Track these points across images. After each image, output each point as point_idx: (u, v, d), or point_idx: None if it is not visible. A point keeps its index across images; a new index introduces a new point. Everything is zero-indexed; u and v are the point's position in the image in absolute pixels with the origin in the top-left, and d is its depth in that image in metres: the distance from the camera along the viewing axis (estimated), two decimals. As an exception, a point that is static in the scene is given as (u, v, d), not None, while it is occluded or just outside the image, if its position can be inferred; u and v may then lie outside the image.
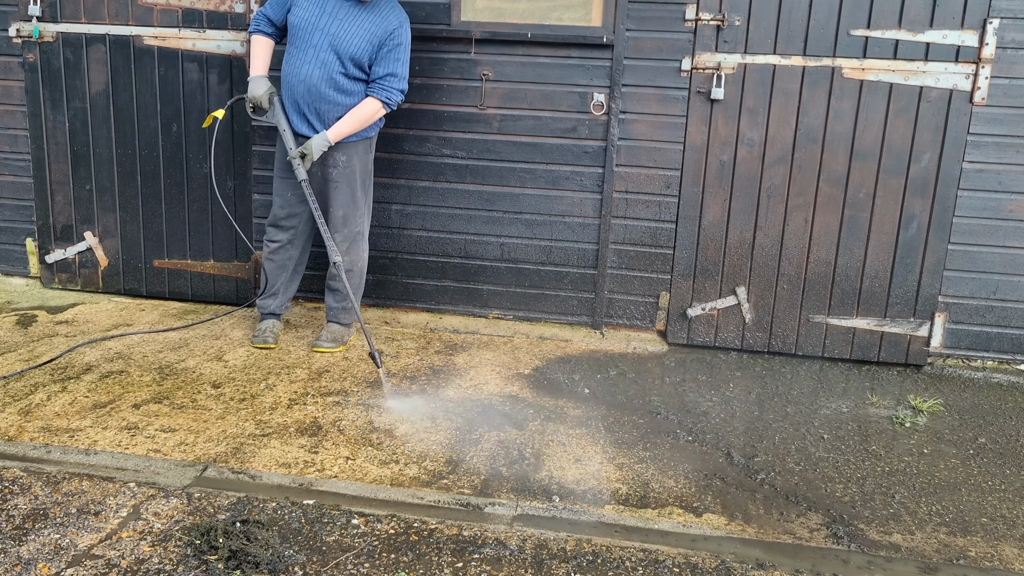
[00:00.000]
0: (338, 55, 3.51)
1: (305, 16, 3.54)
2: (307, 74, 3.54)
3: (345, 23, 3.51)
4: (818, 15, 3.79)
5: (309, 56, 3.53)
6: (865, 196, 3.92)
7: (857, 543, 2.58)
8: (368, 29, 3.51)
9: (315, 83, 3.54)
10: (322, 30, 3.51)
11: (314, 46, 3.52)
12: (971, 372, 3.99)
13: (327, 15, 3.52)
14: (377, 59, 3.54)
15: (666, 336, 4.22)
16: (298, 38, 3.56)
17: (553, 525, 2.57)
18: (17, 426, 3.02)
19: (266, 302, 3.93)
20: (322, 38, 3.51)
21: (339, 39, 3.50)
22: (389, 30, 3.52)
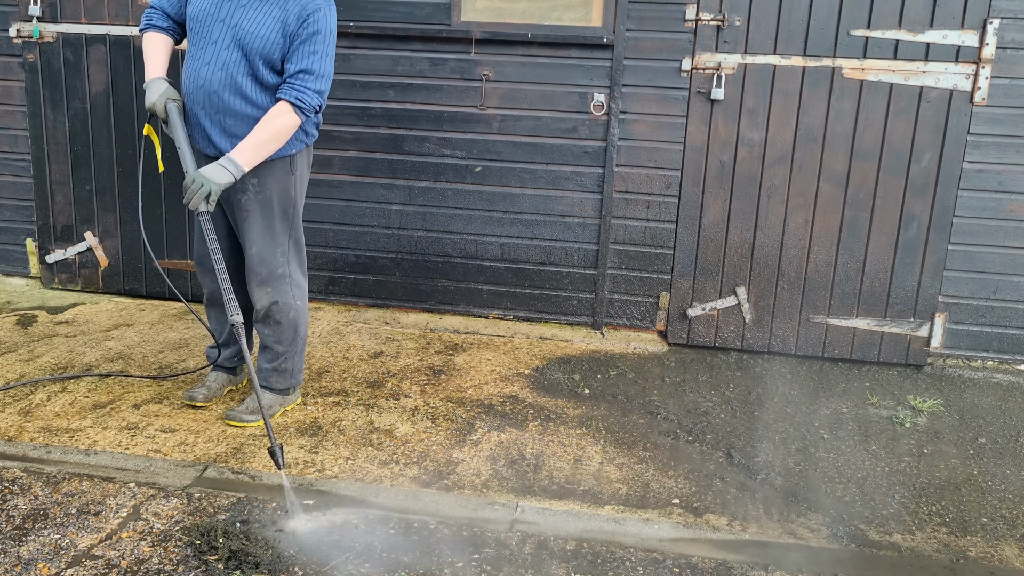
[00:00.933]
0: (244, 52, 2.77)
1: (203, 4, 2.80)
2: (206, 78, 2.80)
3: (251, 10, 2.77)
4: (818, 15, 3.79)
5: (209, 55, 2.80)
6: (865, 196, 3.92)
7: (857, 543, 2.58)
8: (278, 17, 2.75)
9: (216, 89, 2.80)
10: (223, 21, 2.77)
11: (214, 42, 2.79)
12: (971, 372, 3.99)
13: (230, 2, 2.78)
14: (289, 52, 2.77)
15: (666, 336, 4.22)
16: (196, 33, 2.83)
17: (553, 525, 2.57)
18: (17, 426, 3.02)
19: (213, 351, 3.28)
20: (224, 32, 2.78)
21: (244, 31, 2.75)
22: (304, 15, 2.74)
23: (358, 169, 4.29)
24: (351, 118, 4.24)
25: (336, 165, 4.31)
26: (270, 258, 2.98)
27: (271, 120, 2.78)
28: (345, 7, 4.11)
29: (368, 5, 4.09)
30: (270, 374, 3.13)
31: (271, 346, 3.09)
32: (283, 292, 3.02)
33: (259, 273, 2.99)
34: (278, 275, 3.00)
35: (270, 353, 3.11)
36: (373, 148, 4.24)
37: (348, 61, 4.17)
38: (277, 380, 3.14)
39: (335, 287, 4.45)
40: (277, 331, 3.05)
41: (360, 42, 4.15)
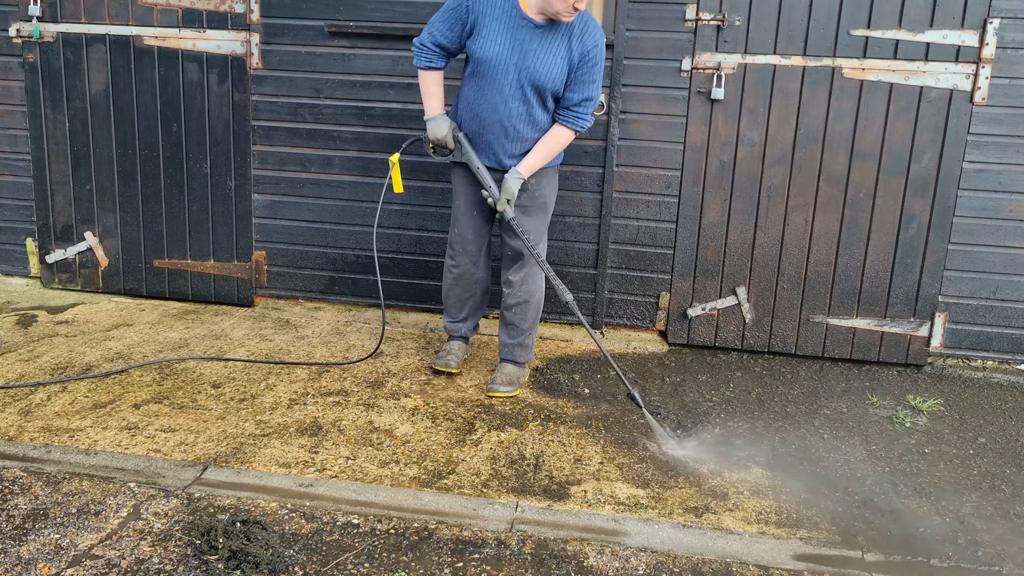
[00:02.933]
0: (537, 91, 3.18)
1: (495, 51, 3.15)
2: (504, 113, 3.21)
3: (540, 54, 3.12)
4: (818, 15, 3.79)
5: (506, 93, 3.19)
6: (865, 196, 3.92)
7: (858, 542, 2.58)
8: (563, 56, 3.14)
9: (513, 122, 3.23)
10: (516, 65, 3.14)
11: (509, 83, 3.17)
12: (971, 372, 3.99)
13: (518, 48, 3.13)
14: (571, 82, 3.17)
15: (666, 336, 4.22)
16: (486, 74, 3.19)
17: (553, 525, 2.57)
18: (17, 426, 3.02)
19: (456, 326, 3.70)
20: (516, 74, 3.16)
21: (536, 74, 3.14)
22: (584, 51, 3.12)
23: (358, 169, 4.29)
24: (351, 118, 4.24)
25: (336, 165, 4.31)
26: (530, 251, 3.37)
27: (554, 141, 3.28)
28: (345, 7, 4.11)
29: (368, 5, 4.09)
30: (515, 349, 3.56)
31: (517, 324, 3.52)
32: (536, 278, 3.48)
33: (520, 260, 3.44)
34: (533, 263, 3.43)
35: (515, 330, 3.54)
36: (373, 148, 4.23)
37: (348, 61, 4.17)
38: (521, 354, 3.57)
39: (335, 287, 4.45)
40: (524, 310, 3.50)
41: (360, 42, 4.15)
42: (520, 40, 3.14)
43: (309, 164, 4.33)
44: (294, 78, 4.24)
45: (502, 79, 3.18)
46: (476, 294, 3.64)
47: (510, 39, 3.15)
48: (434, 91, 3.33)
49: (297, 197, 4.37)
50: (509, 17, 3.14)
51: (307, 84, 4.23)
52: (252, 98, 4.26)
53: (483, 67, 3.20)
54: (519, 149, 3.29)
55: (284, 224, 4.41)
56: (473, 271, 3.55)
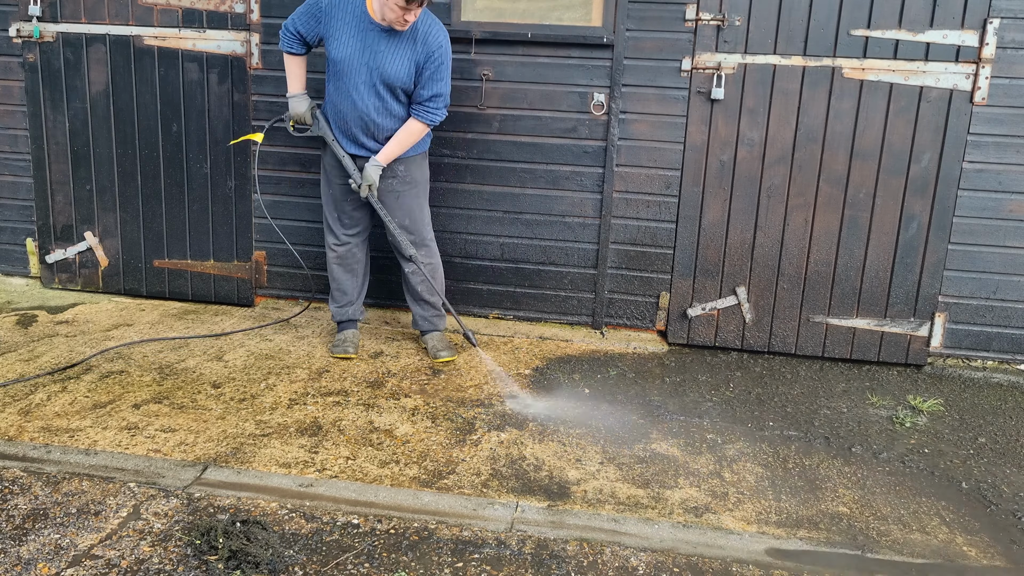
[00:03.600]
0: (388, 87, 3.46)
1: (346, 52, 3.45)
2: (362, 108, 3.50)
3: (388, 55, 3.42)
4: (818, 15, 3.79)
5: (360, 91, 3.48)
6: (865, 196, 3.92)
7: (858, 542, 2.58)
8: (409, 57, 3.43)
9: (371, 115, 3.51)
10: (366, 65, 3.44)
11: (362, 81, 3.47)
12: (971, 372, 3.99)
13: (368, 50, 3.43)
14: (420, 81, 3.46)
15: (666, 336, 4.22)
16: (342, 72, 3.49)
17: (553, 525, 2.57)
18: (17, 426, 3.02)
19: (343, 310, 3.88)
20: (368, 73, 3.45)
21: (385, 73, 3.43)
22: (429, 53, 3.42)
23: (358, 169, 4.29)
24: (351, 118, 4.23)
25: (336, 165, 4.30)
26: (417, 227, 3.71)
27: (407, 134, 3.55)
28: (345, 7, 4.11)
29: (368, 5, 4.09)
30: (435, 319, 3.89)
31: (427, 298, 3.82)
32: (431, 252, 3.77)
33: (411, 240, 3.68)
34: (424, 239, 3.74)
35: (427, 304, 3.84)
36: (373, 148, 4.23)
37: (348, 61, 4.17)
38: (440, 322, 3.91)
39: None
40: (430, 285, 3.76)
41: (360, 42, 4.14)
42: (369, 43, 3.43)
43: (309, 164, 4.33)
44: (294, 78, 4.23)
45: (356, 78, 3.47)
46: (359, 274, 3.88)
47: (360, 41, 3.44)
48: (296, 72, 3.63)
49: (297, 197, 4.37)
50: (358, 21, 3.43)
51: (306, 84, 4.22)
52: (252, 98, 4.26)
53: (338, 67, 3.50)
54: (381, 136, 3.58)
55: (284, 224, 4.41)
56: (356, 252, 3.82)
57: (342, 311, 3.89)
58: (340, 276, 3.85)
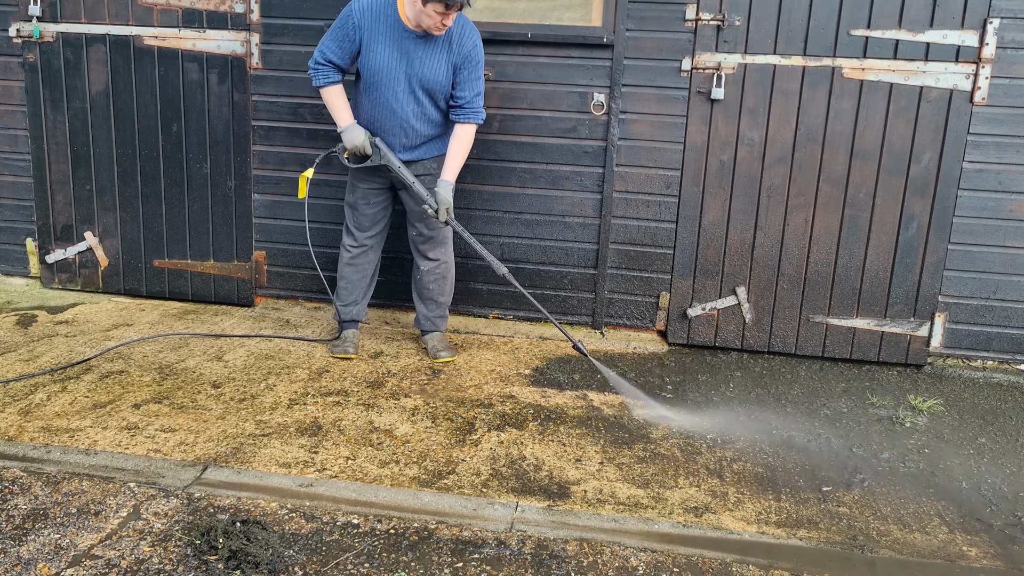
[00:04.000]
0: (427, 93, 3.48)
1: (385, 62, 3.43)
2: (401, 116, 3.50)
3: (425, 61, 3.42)
4: (818, 15, 3.79)
5: (400, 99, 3.48)
6: (865, 196, 3.92)
7: (858, 542, 2.58)
8: (447, 60, 3.44)
9: (411, 122, 3.52)
10: (404, 73, 3.44)
11: (401, 89, 3.46)
12: (971, 372, 3.99)
13: (405, 57, 3.42)
14: (459, 82, 3.47)
15: (666, 336, 4.22)
16: (380, 82, 3.47)
17: (553, 525, 2.57)
18: (17, 426, 3.02)
19: (348, 309, 3.89)
20: (407, 81, 3.45)
21: (424, 79, 3.44)
22: (464, 53, 3.44)
23: (358, 169, 4.29)
24: (351, 118, 4.23)
25: (337, 165, 4.30)
26: (444, 229, 3.72)
27: (464, 141, 3.55)
28: (345, 7, 4.11)
29: (368, 5, 4.09)
30: (437, 319, 3.92)
31: (435, 298, 3.87)
32: (449, 254, 3.84)
33: (435, 241, 3.75)
34: (448, 240, 3.81)
35: (434, 304, 3.88)
36: (373, 148, 4.24)
37: (348, 61, 4.17)
38: (442, 323, 3.95)
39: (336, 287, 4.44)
40: (443, 285, 3.85)
41: (360, 42, 4.14)
42: (405, 50, 3.43)
43: (309, 164, 4.32)
44: (294, 78, 4.24)
45: (395, 86, 3.46)
46: (367, 276, 3.89)
47: (396, 50, 3.43)
48: (341, 103, 3.56)
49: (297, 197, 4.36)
50: (393, 30, 3.42)
51: (307, 84, 4.23)
52: (252, 98, 4.27)
53: (375, 77, 3.47)
54: (418, 141, 3.59)
55: (284, 224, 4.41)
56: (370, 256, 3.85)
57: (347, 310, 3.90)
58: (351, 275, 3.85)
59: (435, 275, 3.80)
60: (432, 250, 3.77)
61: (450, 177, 3.53)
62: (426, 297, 3.86)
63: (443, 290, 3.85)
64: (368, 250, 3.82)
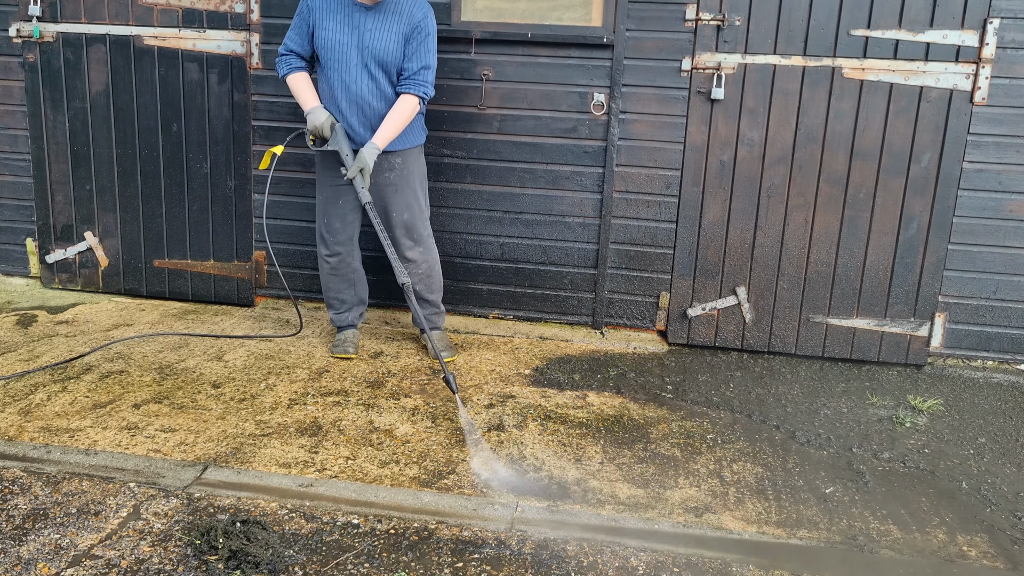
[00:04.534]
0: (381, 67, 3.45)
1: (335, 37, 3.43)
2: (356, 92, 3.47)
3: (376, 33, 3.41)
4: (818, 15, 3.79)
5: (353, 75, 3.45)
6: (865, 196, 3.92)
7: (858, 542, 2.58)
8: (397, 31, 3.42)
9: (366, 99, 3.48)
10: (355, 46, 3.42)
11: (354, 64, 3.44)
12: (971, 372, 3.99)
13: (355, 31, 3.42)
14: (407, 53, 3.44)
15: (666, 336, 4.22)
16: (333, 59, 3.46)
17: (553, 525, 2.57)
18: (17, 426, 3.02)
19: (342, 317, 3.88)
20: (359, 55, 3.43)
21: (376, 52, 3.42)
22: (414, 23, 3.42)
23: (358, 169, 4.29)
24: (351, 118, 4.23)
25: (336, 165, 4.31)
26: (416, 223, 3.68)
27: (401, 112, 3.45)
28: (345, 7, 4.11)
29: (368, 5, 4.09)
30: (434, 317, 3.89)
31: (426, 296, 3.81)
32: (429, 247, 3.75)
33: (410, 236, 3.68)
34: (423, 235, 3.72)
35: (426, 303, 3.83)
36: (373, 148, 4.23)
37: (348, 61, 4.17)
38: (439, 320, 3.92)
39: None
40: (430, 281, 3.79)
41: (360, 42, 4.14)
42: (356, 23, 3.42)
43: (309, 164, 4.32)
44: (294, 78, 4.23)
45: (348, 61, 3.44)
46: (355, 283, 3.85)
47: (347, 24, 3.43)
48: (305, 87, 3.55)
49: (297, 197, 4.37)
50: (341, 5, 3.44)
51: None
52: (252, 98, 4.27)
53: (328, 54, 3.46)
54: (375, 123, 3.51)
55: (284, 224, 4.41)
56: (349, 260, 3.78)
57: (341, 317, 3.89)
58: (337, 286, 3.83)
59: (419, 275, 3.74)
60: (410, 250, 3.70)
61: (378, 142, 3.44)
62: (417, 297, 3.82)
63: (431, 287, 3.81)
64: (344, 257, 3.76)
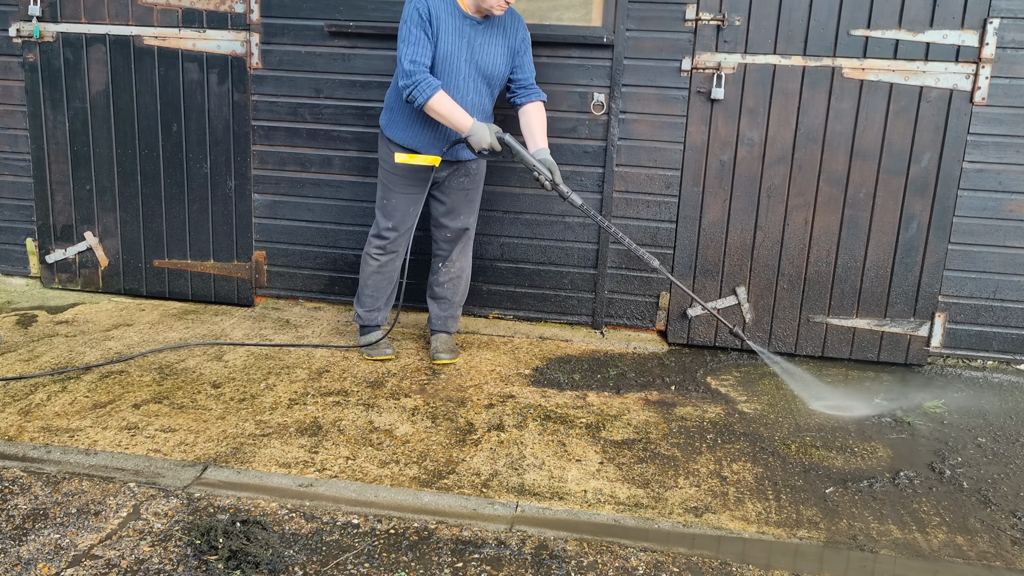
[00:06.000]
0: (487, 81, 3.49)
1: (449, 50, 3.38)
2: (476, 101, 3.48)
3: (485, 48, 3.44)
4: (818, 15, 3.79)
5: (462, 87, 3.44)
6: (865, 196, 3.92)
7: (858, 542, 2.58)
8: (504, 45, 3.47)
9: (485, 105, 3.53)
10: (467, 61, 3.42)
11: (464, 77, 3.44)
12: (971, 372, 3.99)
13: (466, 44, 3.40)
14: (520, 64, 3.52)
15: (666, 336, 4.22)
16: (445, 71, 3.41)
17: (553, 525, 2.57)
18: (17, 426, 3.02)
19: (372, 315, 3.84)
20: (468, 68, 3.43)
21: (484, 66, 3.45)
22: (520, 37, 3.50)
23: (358, 169, 4.29)
24: (351, 118, 4.24)
25: (336, 165, 4.31)
26: (472, 229, 3.81)
27: (543, 118, 3.57)
28: (345, 7, 4.11)
29: (368, 5, 4.10)
30: (448, 321, 3.90)
31: (449, 298, 3.86)
32: (467, 255, 3.84)
33: (465, 242, 3.79)
34: (469, 243, 3.83)
35: (447, 303, 3.87)
36: (373, 148, 4.23)
37: (348, 61, 4.17)
38: (452, 324, 3.93)
39: (335, 287, 4.45)
40: (457, 284, 3.85)
41: (360, 42, 4.15)
42: (467, 37, 3.39)
43: (309, 164, 4.33)
44: (294, 78, 4.24)
45: (457, 75, 3.42)
46: (393, 282, 3.85)
47: (458, 37, 3.38)
48: (454, 106, 3.35)
49: (297, 197, 4.37)
50: (454, 18, 3.37)
51: (307, 84, 4.23)
52: (252, 98, 4.27)
53: (443, 66, 3.40)
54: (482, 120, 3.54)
55: (284, 224, 4.41)
56: (397, 263, 3.79)
57: (371, 316, 3.84)
58: (378, 283, 3.79)
59: (451, 274, 3.80)
60: (460, 254, 3.78)
61: (545, 144, 3.53)
62: (439, 296, 3.85)
63: (457, 290, 3.84)
64: (395, 256, 3.75)
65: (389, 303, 3.87)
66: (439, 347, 3.83)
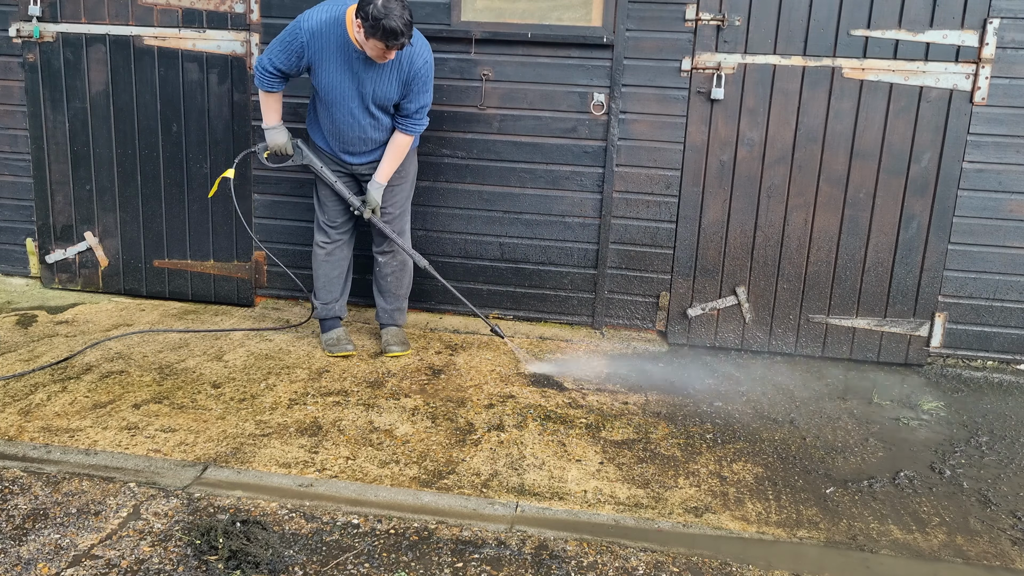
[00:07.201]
0: (383, 109, 3.55)
1: (335, 82, 3.49)
2: (358, 129, 3.58)
3: (376, 79, 3.47)
4: (818, 15, 3.79)
5: (355, 115, 3.55)
6: (865, 196, 3.92)
7: (858, 542, 2.58)
8: (397, 78, 3.48)
9: (368, 132, 3.60)
10: (356, 91, 3.49)
11: (356, 106, 3.53)
12: (971, 372, 3.99)
13: (356, 78, 3.47)
14: (406, 95, 3.53)
15: (666, 336, 4.22)
16: (334, 101, 3.53)
17: (553, 525, 2.57)
18: (17, 426, 3.02)
19: (329, 307, 3.92)
20: (360, 99, 3.51)
21: (376, 97, 3.50)
22: (415, 73, 3.48)
23: (358, 169, 4.29)
24: (351, 118, 4.23)
25: (336, 165, 4.30)
26: (403, 221, 3.85)
27: (400, 149, 3.66)
28: (345, 7, 4.11)
29: (368, 5, 4.09)
30: (395, 314, 3.99)
31: (394, 291, 3.94)
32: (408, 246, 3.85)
33: (395, 231, 3.78)
34: (407, 232, 3.89)
35: (392, 296, 3.96)
36: (373, 148, 4.23)
37: (348, 61, 4.17)
38: (400, 317, 4.01)
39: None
40: (400, 277, 3.92)
41: (360, 42, 4.14)
42: (356, 70, 3.47)
43: (309, 164, 4.32)
44: (294, 78, 4.23)
45: (349, 103, 3.54)
46: (343, 272, 3.93)
47: (347, 70, 3.47)
48: (273, 106, 3.65)
49: (297, 197, 4.37)
50: (342, 51, 3.44)
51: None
52: (252, 98, 4.26)
53: (329, 95, 3.54)
54: (372, 148, 3.68)
55: (284, 224, 4.41)
56: (344, 251, 3.89)
57: (328, 308, 3.92)
58: (328, 272, 3.89)
59: (392, 267, 3.86)
60: (385, 243, 3.82)
61: (381, 179, 3.65)
62: (385, 290, 3.93)
63: (401, 283, 3.92)
64: (341, 245, 3.86)
65: (344, 294, 3.96)
66: (390, 340, 3.91)
